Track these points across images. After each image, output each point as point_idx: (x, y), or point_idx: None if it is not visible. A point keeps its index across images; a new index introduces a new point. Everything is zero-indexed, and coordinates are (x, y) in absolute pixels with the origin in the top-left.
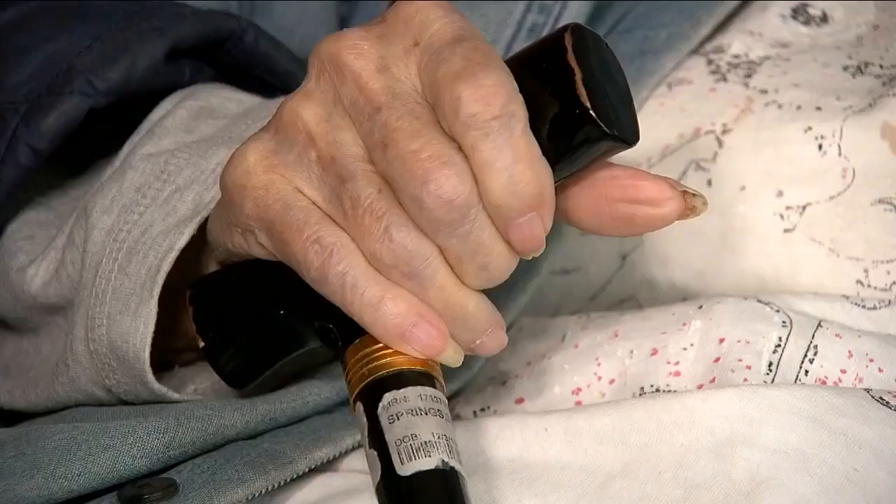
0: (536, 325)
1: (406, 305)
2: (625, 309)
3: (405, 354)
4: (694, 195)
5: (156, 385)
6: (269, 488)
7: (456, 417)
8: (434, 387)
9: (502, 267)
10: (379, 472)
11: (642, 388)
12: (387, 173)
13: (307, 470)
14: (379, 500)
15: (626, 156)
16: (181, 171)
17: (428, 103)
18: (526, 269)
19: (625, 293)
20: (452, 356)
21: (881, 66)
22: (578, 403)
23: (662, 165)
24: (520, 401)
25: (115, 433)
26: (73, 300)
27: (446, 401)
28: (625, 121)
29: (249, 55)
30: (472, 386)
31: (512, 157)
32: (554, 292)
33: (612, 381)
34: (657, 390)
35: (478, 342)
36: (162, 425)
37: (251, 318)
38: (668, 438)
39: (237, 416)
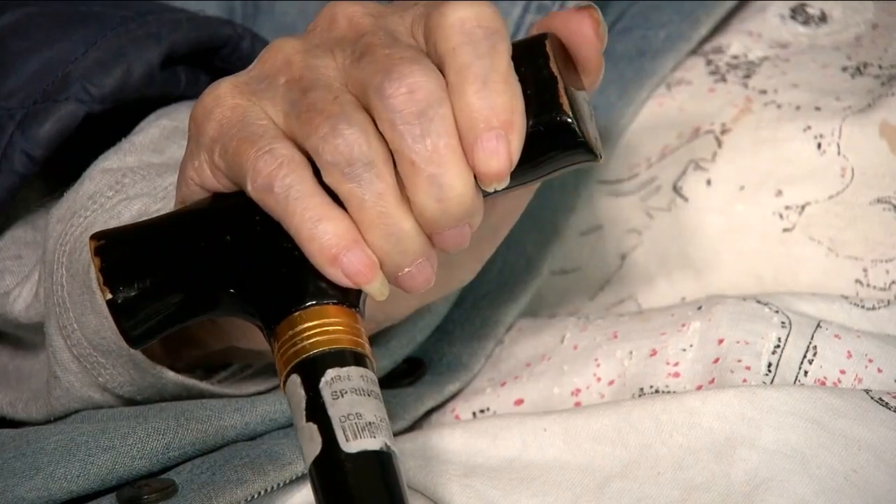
0: (535, 326)
1: (345, 227)
2: (624, 309)
3: (346, 333)
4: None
5: (148, 363)
6: (268, 489)
7: (455, 418)
8: (372, 370)
9: (456, 187)
10: (318, 447)
11: (641, 389)
12: (356, 80)
13: (306, 472)
14: (316, 475)
15: (624, 157)
16: (135, 184)
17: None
18: (526, 269)
19: (624, 293)
20: (378, 288)
21: (880, 67)
22: (578, 405)
23: (661, 165)
24: (519, 402)
25: (114, 434)
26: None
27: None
28: (592, 135)
29: (246, 61)
30: (470, 387)
31: (491, 67)
32: (553, 293)
33: (611, 383)
34: (656, 391)
35: (406, 271)
36: (161, 427)
37: (167, 272)
38: (667, 439)
39: (237, 417)
